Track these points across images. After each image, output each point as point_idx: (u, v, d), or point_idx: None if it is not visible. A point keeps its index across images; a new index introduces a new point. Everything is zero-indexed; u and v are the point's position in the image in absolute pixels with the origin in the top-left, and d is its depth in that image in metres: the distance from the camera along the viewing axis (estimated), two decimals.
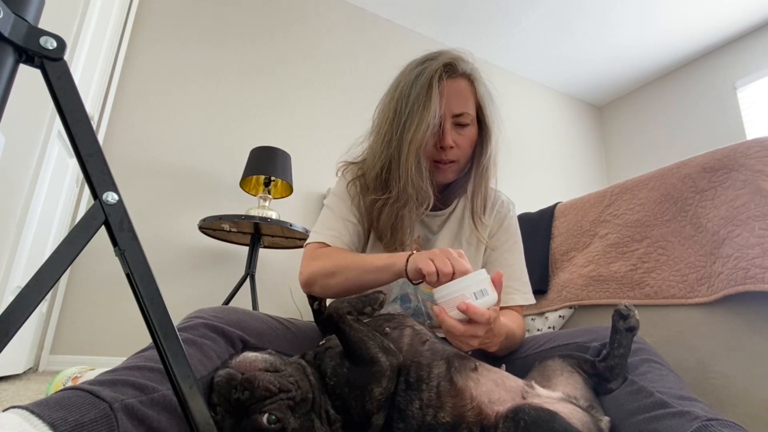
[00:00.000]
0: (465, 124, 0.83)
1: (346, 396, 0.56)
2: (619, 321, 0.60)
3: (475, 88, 0.84)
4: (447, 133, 0.81)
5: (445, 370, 0.58)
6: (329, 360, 0.60)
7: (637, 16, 3.19)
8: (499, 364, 0.66)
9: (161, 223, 2.24)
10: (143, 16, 2.40)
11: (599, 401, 0.60)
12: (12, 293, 1.30)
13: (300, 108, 2.75)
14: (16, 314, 0.35)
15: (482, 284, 0.62)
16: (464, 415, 0.53)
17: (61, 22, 1.41)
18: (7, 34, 0.36)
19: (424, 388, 0.57)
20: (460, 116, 0.82)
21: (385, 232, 0.85)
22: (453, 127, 0.82)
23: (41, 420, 0.41)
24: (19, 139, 1.24)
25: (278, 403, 0.51)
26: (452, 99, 0.81)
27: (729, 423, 0.48)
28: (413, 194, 0.81)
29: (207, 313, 0.66)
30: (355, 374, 0.57)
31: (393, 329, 0.66)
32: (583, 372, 0.62)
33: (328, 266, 0.78)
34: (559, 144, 3.95)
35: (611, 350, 0.60)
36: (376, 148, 0.86)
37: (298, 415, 0.52)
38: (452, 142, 0.82)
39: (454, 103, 0.82)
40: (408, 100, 0.81)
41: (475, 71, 0.86)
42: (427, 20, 3.31)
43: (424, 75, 0.81)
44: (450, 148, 0.82)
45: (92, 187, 0.40)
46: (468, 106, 0.83)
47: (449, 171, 0.86)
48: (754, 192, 0.83)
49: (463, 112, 0.82)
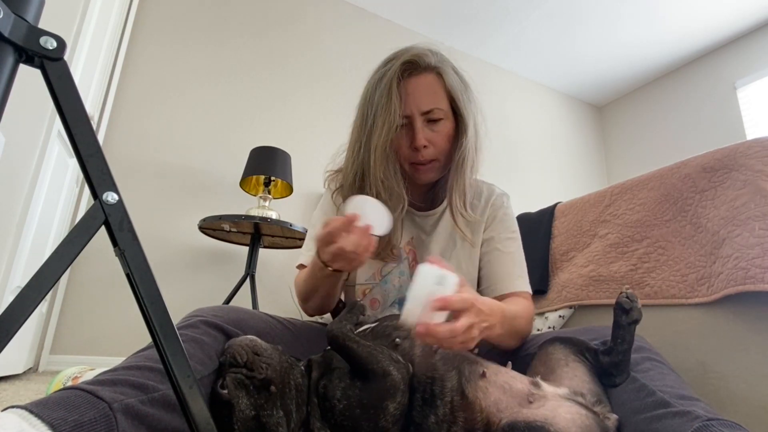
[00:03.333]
0: (437, 120, 0.80)
1: (357, 417, 0.55)
2: (622, 315, 0.58)
3: (443, 80, 0.80)
4: (418, 133, 0.78)
5: (456, 382, 0.58)
6: (338, 382, 0.58)
7: (637, 16, 3.19)
8: (504, 362, 0.65)
9: (161, 223, 2.24)
10: (143, 16, 2.40)
11: (606, 393, 0.59)
12: (12, 293, 1.30)
13: (300, 108, 2.75)
14: (16, 314, 0.35)
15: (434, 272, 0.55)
16: (474, 428, 0.54)
17: (61, 22, 1.41)
18: (7, 34, 0.36)
19: (438, 404, 0.56)
20: (429, 113, 0.79)
21: None
22: (426, 125, 0.80)
23: (40, 420, 0.41)
24: (19, 139, 1.24)
25: (235, 376, 0.54)
26: (419, 96, 0.79)
27: (730, 423, 0.48)
28: (386, 198, 0.79)
29: (206, 312, 0.66)
30: (368, 392, 0.56)
31: (403, 339, 0.64)
32: (587, 360, 0.62)
33: (302, 291, 0.82)
34: (560, 144, 3.95)
35: (614, 346, 0.59)
36: (349, 155, 0.85)
37: (252, 397, 0.53)
38: (425, 141, 0.79)
39: (421, 101, 0.79)
40: (372, 104, 0.80)
41: (442, 63, 0.82)
42: (427, 20, 3.30)
43: (386, 76, 0.79)
44: (424, 147, 0.79)
45: (92, 187, 0.40)
46: (437, 101, 0.79)
47: (430, 171, 0.83)
48: (754, 192, 0.83)
49: (432, 108, 0.79)
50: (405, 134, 0.80)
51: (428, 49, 0.83)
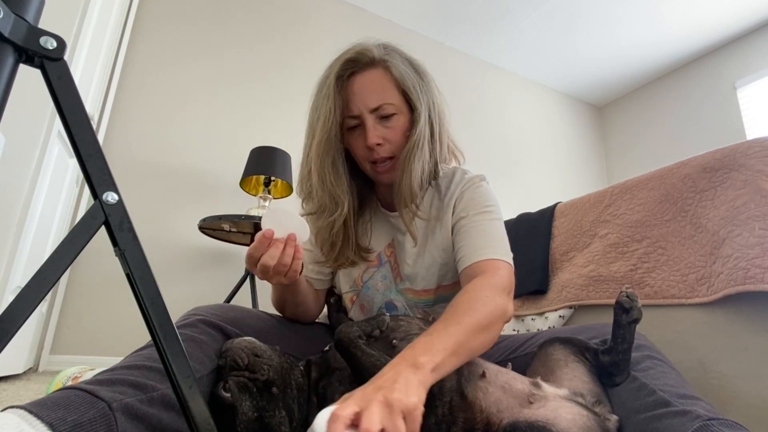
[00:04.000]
0: (389, 115, 0.77)
1: None
2: (622, 315, 0.58)
3: (390, 73, 0.77)
4: (369, 131, 0.76)
5: (455, 382, 0.57)
6: (338, 384, 0.58)
7: (637, 16, 3.19)
8: (504, 363, 0.65)
9: (161, 223, 2.24)
10: (143, 16, 2.40)
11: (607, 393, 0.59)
12: (12, 293, 1.30)
13: (300, 108, 2.73)
14: (16, 314, 0.35)
15: None
16: (474, 428, 0.54)
17: (61, 22, 1.41)
18: (7, 34, 0.36)
19: (437, 404, 0.56)
20: (378, 109, 0.76)
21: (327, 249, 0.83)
22: (378, 123, 0.77)
23: (39, 420, 0.41)
24: (19, 139, 1.24)
25: (238, 379, 0.54)
26: (365, 94, 0.76)
27: (730, 422, 0.48)
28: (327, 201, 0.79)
29: (205, 311, 0.66)
30: None
31: (400, 341, 0.63)
32: (586, 360, 0.62)
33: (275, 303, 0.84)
34: (560, 144, 3.95)
35: (614, 345, 0.59)
36: (302, 161, 0.85)
37: (255, 399, 0.53)
38: (378, 139, 0.76)
39: (368, 98, 0.76)
40: (315, 108, 0.79)
41: (388, 55, 0.78)
42: (427, 20, 3.30)
43: (328, 79, 0.77)
44: (378, 145, 0.77)
45: (92, 187, 0.40)
46: (386, 95, 0.76)
47: (391, 169, 0.80)
48: (754, 192, 0.83)
49: (380, 104, 0.76)
50: (359, 135, 0.78)
51: (375, 44, 0.79)
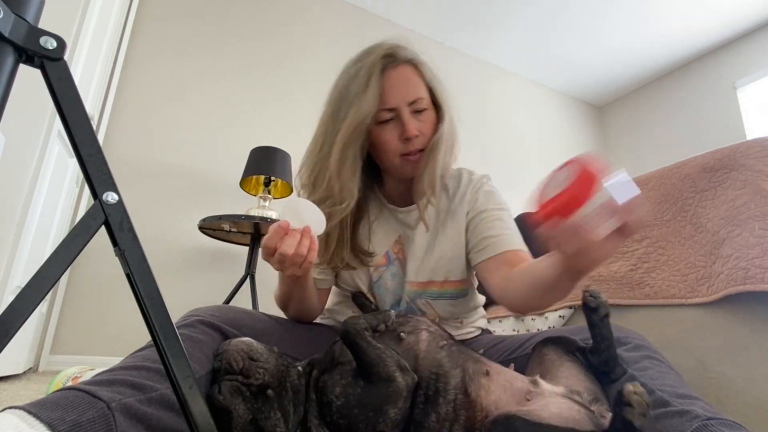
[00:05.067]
0: (423, 110, 0.80)
1: (354, 417, 0.55)
2: (591, 315, 0.59)
3: (421, 71, 0.82)
4: (408, 123, 0.78)
5: (460, 380, 0.57)
6: (339, 378, 0.58)
7: (637, 16, 3.19)
8: (506, 363, 0.65)
9: (161, 223, 2.24)
10: (143, 16, 2.40)
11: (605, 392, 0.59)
12: (12, 293, 1.30)
13: (300, 108, 2.75)
14: (16, 314, 0.35)
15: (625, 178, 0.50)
16: (474, 427, 0.54)
17: (61, 22, 1.41)
18: (7, 34, 0.36)
19: (441, 402, 0.56)
20: (415, 103, 0.79)
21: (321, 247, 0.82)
22: (412, 116, 0.80)
23: (39, 420, 0.41)
24: (19, 139, 1.24)
25: (232, 383, 0.53)
26: (402, 88, 0.79)
27: (729, 422, 0.48)
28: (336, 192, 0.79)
29: (204, 312, 0.66)
30: (369, 394, 0.55)
31: (408, 334, 0.63)
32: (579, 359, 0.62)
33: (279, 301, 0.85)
34: (560, 144, 3.95)
35: (597, 344, 0.60)
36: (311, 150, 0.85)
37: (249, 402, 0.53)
38: (416, 131, 0.79)
39: (406, 92, 0.79)
40: (346, 99, 0.80)
41: (417, 55, 0.83)
42: (427, 20, 3.31)
43: (364, 69, 0.79)
44: (415, 137, 0.79)
45: (92, 187, 0.40)
46: (420, 90, 0.80)
47: (420, 160, 0.82)
48: (754, 192, 0.83)
49: (417, 98, 0.79)
50: (393, 128, 0.80)
51: (400, 42, 0.83)
